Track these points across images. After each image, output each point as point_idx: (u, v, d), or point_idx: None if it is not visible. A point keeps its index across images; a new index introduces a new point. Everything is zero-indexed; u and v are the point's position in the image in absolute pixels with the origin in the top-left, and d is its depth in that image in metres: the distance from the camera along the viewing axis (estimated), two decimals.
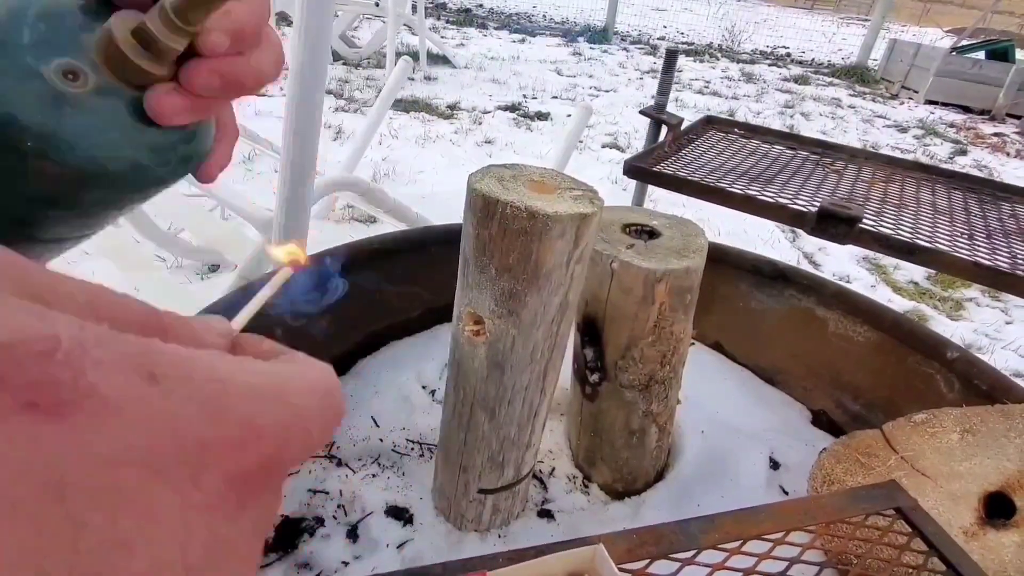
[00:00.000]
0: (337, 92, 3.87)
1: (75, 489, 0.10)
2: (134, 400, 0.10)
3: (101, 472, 0.10)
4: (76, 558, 0.09)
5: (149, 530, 0.11)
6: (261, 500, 0.13)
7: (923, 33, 11.39)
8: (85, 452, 0.10)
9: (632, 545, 0.45)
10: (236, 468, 0.12)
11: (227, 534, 0.12)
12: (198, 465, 0.11)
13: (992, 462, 0.62)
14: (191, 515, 0.11)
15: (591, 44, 7.33)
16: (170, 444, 0.11)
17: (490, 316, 0.50)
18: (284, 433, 0.13)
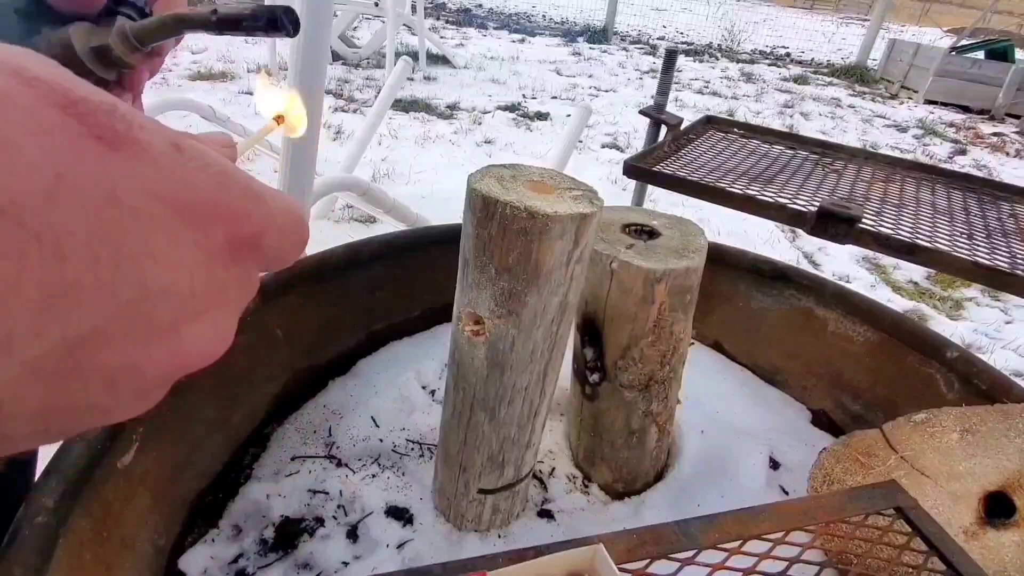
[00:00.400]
0: (336, 92, 3.87)
1: (122, 199, 0.13)
2: (166, 155, 0.14)
3: (139, 195, 0.13)
4: (120, 253, 0.13)
5: (170, 251, 0.14)
6: (245, 269, 0.17)
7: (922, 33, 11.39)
8: (130, 176, 0.13)
9: (632, 545, 0.45)
10: (231, 231, 0.16)
11: (221, 279, 0.16)
12: (207, 218, 0.15)
13: (992, 462, 0.62)
14: (199, 253, 0.15)
15: (591, 44, 7.34)
16: (189, 195, 0.14)
17: (490, 316, 0.50)
18: (267, 223, 0.17)
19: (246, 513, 0.65)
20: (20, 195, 0.11)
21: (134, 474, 0.54)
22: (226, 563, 0.60)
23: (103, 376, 0.13)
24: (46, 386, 0.12)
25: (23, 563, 0.41)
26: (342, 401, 0.80)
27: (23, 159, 0.11)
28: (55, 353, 0.12)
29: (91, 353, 0.13)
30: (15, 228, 0.11)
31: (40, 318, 0.12)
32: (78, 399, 0.13)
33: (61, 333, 0.12)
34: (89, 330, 0.13)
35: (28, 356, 0.12)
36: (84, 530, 0.47)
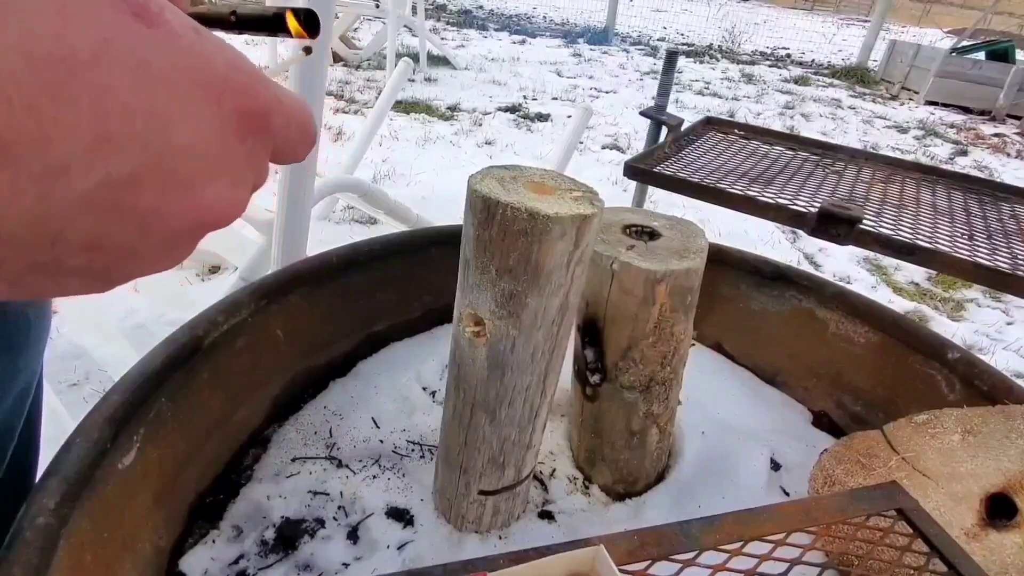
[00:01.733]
0: (337, 93, 3.87)
1: (153, 67, 0.15)
2: (189, 36, 0.16)
3: (167, 66, 0.16)
4: (150, 111, 0.15)
5: (190, 116, 0.16)
6: (255, 147, 0.19)
7: (923, 34, 11.39)
8: (160, 49, 0.16)
9: (633, 546, 0.45)
10: (241, 105, 0.18)
11: (233, 149, 0.18)
12: (222, 91, 0.17)
13: (993, 463, 0.62)
14: (214, 121, 0.17)
15: (591, 45, 7.34)
16: (206, 69, 0.17)
17: (490, 317, 0.50)
18: (274, 103, 0.19)
19: (247, 514, 0.65)
20: (74, 50, 0.14)
21: (135, 475, 0.54)
22: (227, 564, 0.60)
23: (138, 217, 0.16)
24: (94, 218, 0.15)
25: (24, 564, 0.41)
26: (342, 402, 0.80)
27: (77, 23, 0.14)
28: (101, 188, 0.15)
29: (129, 193, 0.16)
30: (71, 77, 0.14)
31: (90, 156, 0.14)
32: (118, 237, 0.16)
33: (105, 171, 0.15)
34: (127, 172, 0.15)
35: (81, 187, 0.15)
36: (85, 531, 0.47)
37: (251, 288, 0.71)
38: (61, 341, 1.44)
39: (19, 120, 0.13)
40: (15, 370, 0.46)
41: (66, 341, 1.45)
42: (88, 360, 1.42)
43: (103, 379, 1.37)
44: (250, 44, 4.85)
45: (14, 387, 0.47)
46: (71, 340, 1.46)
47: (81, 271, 0.16)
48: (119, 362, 1.37)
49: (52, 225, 0.15)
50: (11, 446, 0.49)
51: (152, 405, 0.56)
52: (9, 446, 0.49)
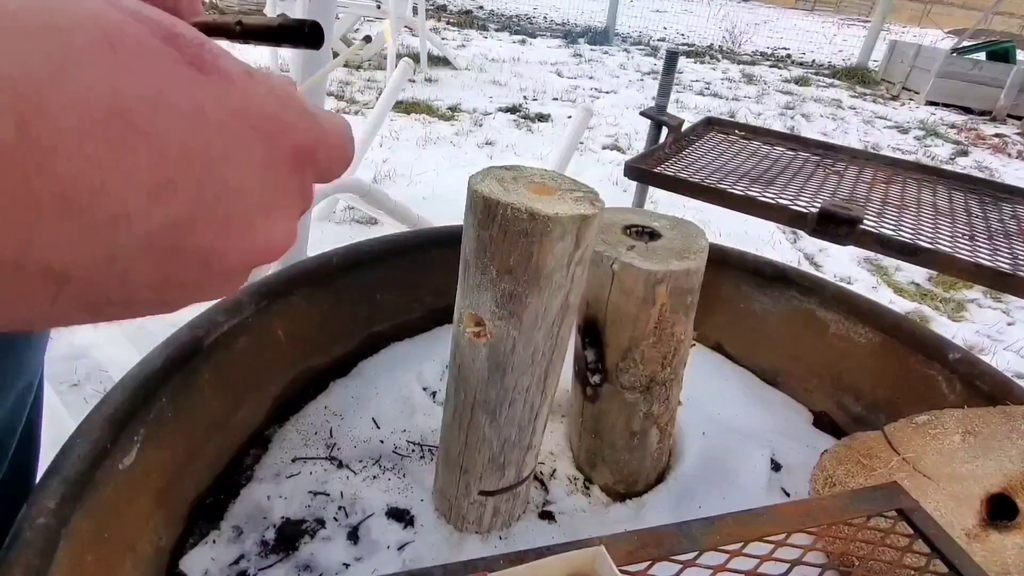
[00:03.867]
0: (338, 94, 3.87)
1: (208, 113, 0.16)
2: (242, 80, 0.17)
3: (222, 111, 0.16)
4: (206, 156, 0.16)
5: (244, 158, 0.17)
6: (303, 178, 0.20)
7: (924, 34, 11.39)
8: (215, 95, 0.16)
9: (633, 547, 0.45)
10: (292, 144, 0.19)
11: (284, 185, 0.19)
12: (273, 132, 0.18)
13: (994, 463, 0.62)
14: (267, 161, 0.18)
15: (591, 45, 7.34)
16: (258, 112, 0.17)
17: (491, 318, 0.50)
18: (321, 139, 0.20)
19: (247, 514, 0.65)
20: (132, 103, 0.14)
21: (135, 475, 0.54)
22: (227, 564, 0.60)
23: (197, 256, 0.17)
24: (156, 259, 0.16)
25: (25, 564, 0.41)
26: (343, 402, 0.80)
27: (134, 76, 0.15)
28: (161, 232, 0.16)
29: (187, 235, 0.16)
30: (130, 129, 0.14)
31: (149, 201, 0.15)
32: (180, 275, 0.17)
33: (164, 215, 0.16)
34: (186, 216, 0.16)
35: (142, 231, 0.15)
36: (85, 532, 0.47)
37: (252, 288, 0.71)
38: (61, 341, 1.45)
39: (82, 173, 0.14)
40: (17, 370, 0.46)
41: (66, 341, 1.45)
42: (88, 360, 1.42)
43: (103, 379, 1.37)
44: (249, 45, 4.84)
45: (15, 387, 0.47)
46: (71, 340, 1.46)
47: (150, 302, 0.18)
48: (119, 362, 1.37)
49: (119, 266, 0.16)
50: (12, 446, 0.49)
51: (153, 405, 0.56)
52: (10, 446, 0.49)
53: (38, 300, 0.15)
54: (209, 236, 0.17)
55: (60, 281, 0.15)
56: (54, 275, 0.15)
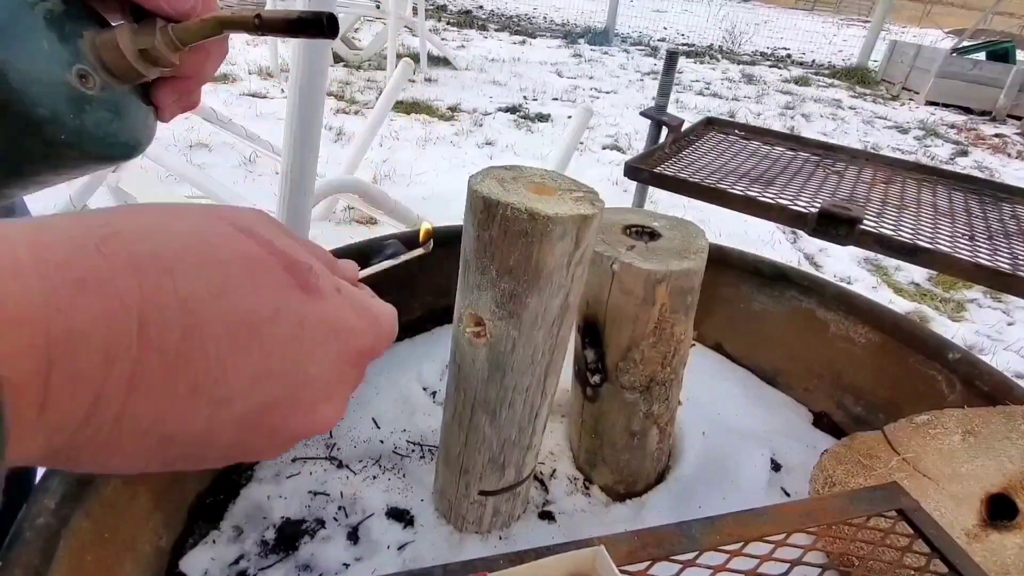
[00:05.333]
0: (338, 94, 3.87)
1: (305, 324, 0.21)
2: (332, 297, 0.23)
3: (315, 322, 0.21)
4: (299, 356, 0.21)
5: (324, 357, 0.22)
6: (361, 370, 0.25)
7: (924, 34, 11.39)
8: (312, 311, 0.21)
9: (633, 547, 0.45)
10: (361, 346, 0.24)
11: (347, 375, 0.24)
12: (348, 337, 0.23)
13: (994, 463, 0.62)
14: (340, 359, 0.23)
15: (591, 46, 7.34)
16: (340, 322, 0.23)
17: (491, 318, 0.50)
18: (381, 339, 0.25)
19: (247, 514, 0.65)
20: (259, 317, 0.20)
21: (135, 475, 0.54)
22: (227, 564, 0.60)
23: (270, 430, 0.21)
24: (238, 430, 0.20)
25: (25, 564, 0.41)
26: None
27: (263, 296, 0.20)
28: (251, 412, 0.20)
29: (268, 414, 0.21)
30: (252, 334, 0.19)
31: (249, 389, 0.20)
32: (251, 442, 0.21)
33: (257, 399, 0.20)
34: (272, 400, 0.21)
35: (237, 411, 0.20)
36: (86, 531, 0.47)
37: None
38: None
39: (212, 367, 0.18)
40: None
41: None
42: None
43: None
44: (250, 44, 4.85)
45: None
46: None
47: (214, 460, 0.21)
48: None
49: (209, 436, 0.19)
50: None
51: None
52: None
53: (142, 458, 0.19)
54: (282, 415, 0.21)
55: (166, 445, 0.19)
56: (166, 440, 0.19)
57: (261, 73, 4.19)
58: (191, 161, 2.53)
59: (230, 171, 2.52)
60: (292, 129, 0.85)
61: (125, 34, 0.27)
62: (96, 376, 0.16)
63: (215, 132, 2.68)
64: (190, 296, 0.18)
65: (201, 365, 0.18)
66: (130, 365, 0.17)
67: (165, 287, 0.17)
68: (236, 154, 2.68)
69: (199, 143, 2.77)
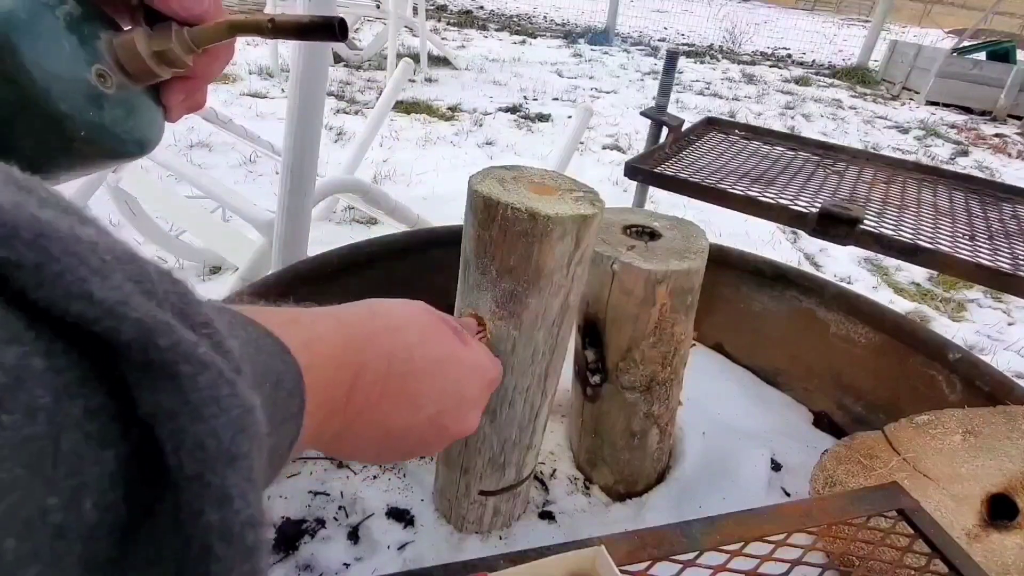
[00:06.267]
0: (338, 94, 3.87)
1: (461, 361, 0.36)
2: (474, 344, 0.39)
3: (465, 360, 0.36)
4: (457, 382, 0.35)
5: (471, 384, 0.37)
6: (489, 394, 0.40)
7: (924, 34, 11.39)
8: (468, 356, 0.37)
9: (633, 547, 0.45)
10: (491, 377, 0.40)
11: (482, 398, 0.39)
12: (484, 373, 0.39)
13: (995, 463, 0.62)
14: (479, 386, 0.38)
15: (592, 46, 7.34)
16: (480, 362, 0.38)
17: (491, 318, 0.50)
18: (499, 371, 0.42)
19: None
20: (443, 357, 0.34)
21: None
22: None
23: (440, 429, 0.34)
24: (425, 428, 0.32)
25: None
26: None
27: (444, 346, 0.34)
28: (433, 415, 0.33)
29: (442, 417, 0.33)
30: (438, 368, 0.33)
31: (436, 401, 0.33)
32: (428, 437, 0.33)
33: (438, 408, 0.33)
34: (446, 408, 0.34)
35: (427, 414, 0.32)
36: None
37: (252, 288, 0.71)
38: None
39: (418, 385, 0.32)
40: None
41: None
42: None
43: None
44: (250, 44, 4.85)
45: None
46: None
47: (408, 452, 0.34)
48: None
49: (409, 431, 0.32)
50: None
51: None
52: None
53: (372, 445, 0.31)
54: (452, 419, 0.34)
55: (385, 435, 0.31)
56: (386, 432, 0.31)
57: (261, 73, 4.19)
58: (191, 161, 2.53)
59: (230, 171, 2.52)
60: (292, 129, 0.85)
61: (141, 36, 0.29)
62: (361, 393, 0.28)
63: (215, 132, 2.68)
64: (409, 344, 0.31)
65: (412, 384, 0.31)
66: (380, 386, 0.29)
67: (397, 340, 0.31)
68: (236, 154, 2.68)
69: (199, 143, 2.77)
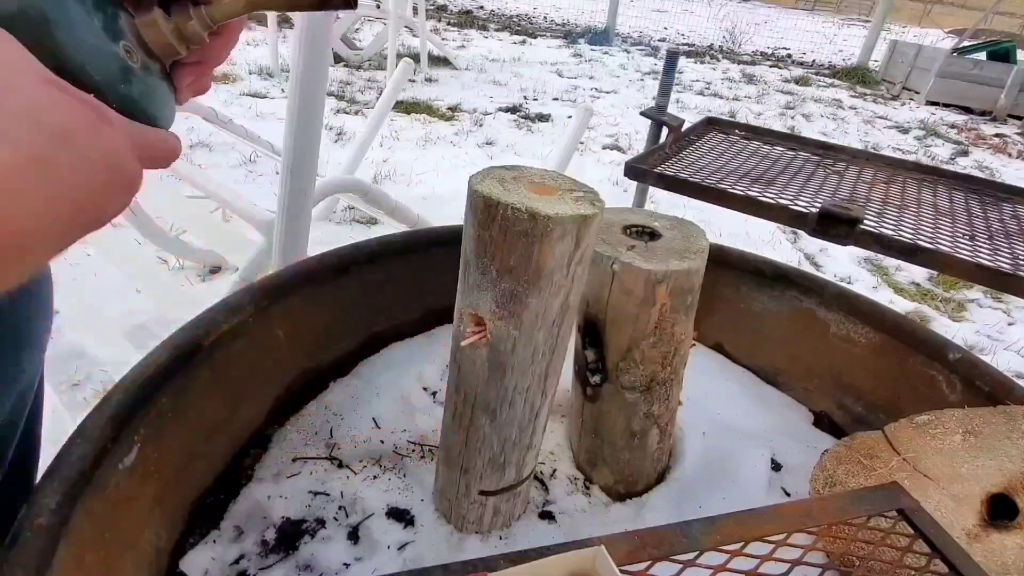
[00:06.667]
0: (338, 94, 3.87)
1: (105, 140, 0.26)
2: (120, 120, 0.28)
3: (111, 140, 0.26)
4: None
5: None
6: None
7: (924, 34, 11.39)
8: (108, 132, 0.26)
9: (633, 547, 0.45)
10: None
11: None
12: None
13: (995, 464, 0.62)
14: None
15: (592, 46, 7.34)
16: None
17: (491, 318, 0.50)
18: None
19: (247, 514, 0.65)
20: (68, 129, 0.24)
21: (135, 475, 0.54)
22: (227, 564, 0.60)
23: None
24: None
25: (24, 565, 0.41)
26: (343, 402, 0.80)
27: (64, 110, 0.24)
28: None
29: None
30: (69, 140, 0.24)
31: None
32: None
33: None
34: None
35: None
36: (85, 531, 0.47)
37: (252, 288, 0.71)
38: (61, 341, 1.44)
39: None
40: (17, 370, 0.46)
41: (66, 341, 1.45)
42: (88, 360, 1.42)
43: (103, 379, 1.37)
44: (250, 44, 4.85)
45: (16, 387, 0.47)
46: (71, 340, 1.46)
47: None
48: (119, 362, 1.37)
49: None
50: (12, 446, 0.49)
51: (153, 405, 0.56)
52: (10, 446, 0.49)
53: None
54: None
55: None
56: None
57: (261, 73, 4.19)
58: (191, 161, 2.53)
59: (230, 171, 2.53)
60: (292, 129, 0.85)
61: (160, 15, 0.31)
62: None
63: (215, 132, 2.68)
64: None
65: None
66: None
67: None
68: (236, 154, 2.68)
69: (199, 143, 2.77)
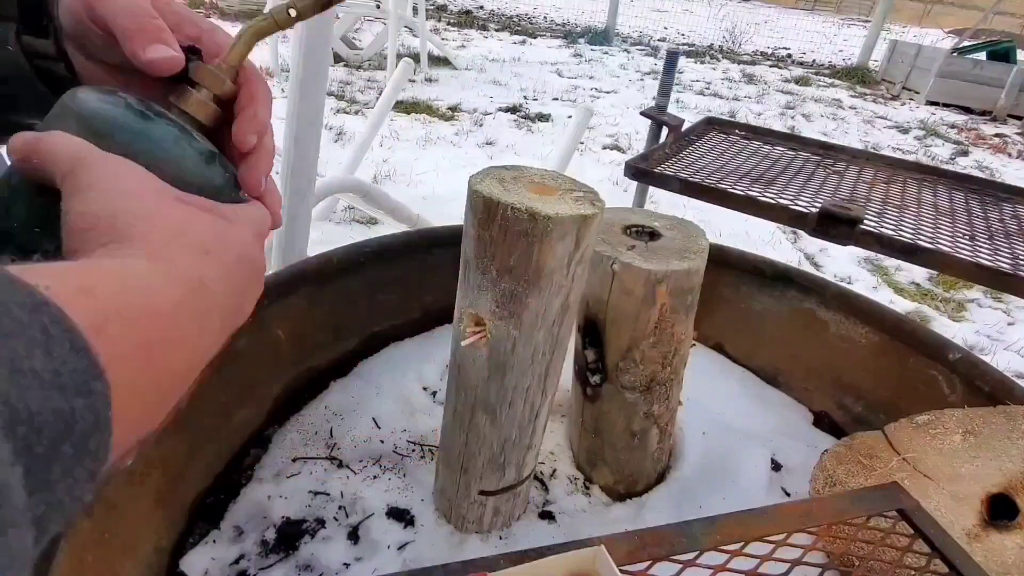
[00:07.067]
0: (338, 94, 3.87)
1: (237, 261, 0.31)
2: (233, 225, 0.31)
3: (236, 254, 0.30)
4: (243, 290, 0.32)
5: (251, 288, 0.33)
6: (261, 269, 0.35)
7: (924, 34, 11.39)
8: (233, 241, 0.30)
9: (633, 547, 0.45)
10: (258, 263, 0.33)
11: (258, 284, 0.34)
12: (245, 268, 0.32)
13: (995, 463, 0.62)
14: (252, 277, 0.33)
15: (592, 46, 7.34)
16: (240, 254, 0.31)
17: (491, 318, 0.50)
18: (263, 237, 0.34)
19: (247, 514, 0.65)
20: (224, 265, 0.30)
21: (136, 475, 0.54)
22: (227, 564, 0.60)
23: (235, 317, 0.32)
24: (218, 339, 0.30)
25: None
26: (343, 402, 0.80)
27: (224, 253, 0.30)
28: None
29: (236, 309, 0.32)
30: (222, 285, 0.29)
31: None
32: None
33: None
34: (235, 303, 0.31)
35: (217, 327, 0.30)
36: (86, 531, 0.47)
37: None
38: None
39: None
40: None
41: None
42: None
43: None
44: None
45: None
46: None
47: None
48: None
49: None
50: None
51: None
52: None
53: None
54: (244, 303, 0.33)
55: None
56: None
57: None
58: None
59: None
60: (292, 129, 0.85)
61: (191, 90, 0.31)
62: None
63: None
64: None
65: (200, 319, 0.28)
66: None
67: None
68: None
69: None
